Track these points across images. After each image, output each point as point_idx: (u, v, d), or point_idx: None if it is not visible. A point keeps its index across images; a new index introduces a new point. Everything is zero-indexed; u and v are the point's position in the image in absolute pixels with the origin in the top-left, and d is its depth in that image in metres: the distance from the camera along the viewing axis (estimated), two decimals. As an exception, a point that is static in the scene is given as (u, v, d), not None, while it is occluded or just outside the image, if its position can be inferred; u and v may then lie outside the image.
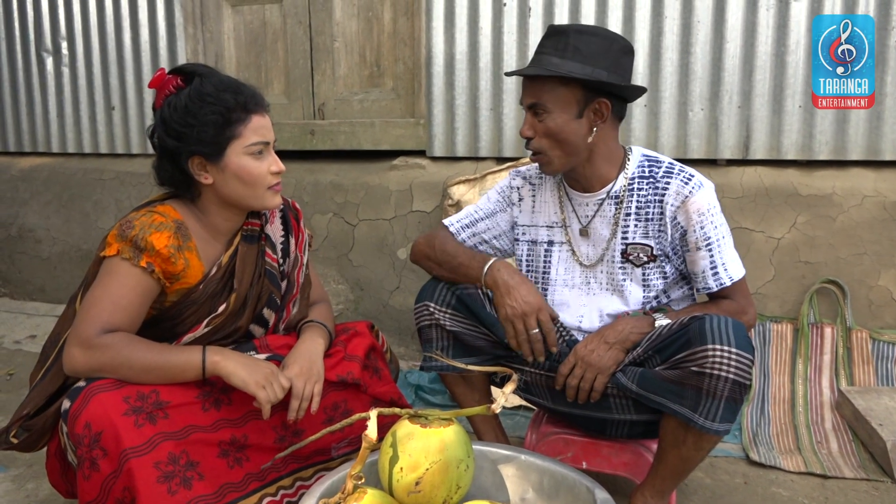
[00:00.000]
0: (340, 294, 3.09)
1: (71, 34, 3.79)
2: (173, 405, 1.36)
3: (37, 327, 3.41)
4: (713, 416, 1.36)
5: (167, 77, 1.48)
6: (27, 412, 1.43)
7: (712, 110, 2.64)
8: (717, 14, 2.59)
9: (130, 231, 1.40)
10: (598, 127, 1.55)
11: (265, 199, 1.52)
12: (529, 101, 1.55)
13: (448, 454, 1.23)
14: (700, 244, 1.55)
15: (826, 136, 2.53)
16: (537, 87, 1.53)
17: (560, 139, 1.53)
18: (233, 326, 1.55)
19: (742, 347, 1.34)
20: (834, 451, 2.07)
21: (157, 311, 1.50)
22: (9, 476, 1.96)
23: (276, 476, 1.51)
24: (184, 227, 1.47)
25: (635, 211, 1.60)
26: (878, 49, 2.44)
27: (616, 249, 1.62)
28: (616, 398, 1.57)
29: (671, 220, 1.56)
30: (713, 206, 1.55)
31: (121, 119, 3.74)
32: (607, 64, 1.50)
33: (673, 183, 1.56)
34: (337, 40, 3.32)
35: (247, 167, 1.46)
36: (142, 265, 1.39)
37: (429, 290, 1.70)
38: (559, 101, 1.51)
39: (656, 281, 1.60)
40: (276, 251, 1.64)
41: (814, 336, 2.41)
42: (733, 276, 1.57)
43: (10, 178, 3.97)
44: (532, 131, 1.55)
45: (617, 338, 1.53)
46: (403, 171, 3.06)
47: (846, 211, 2.47)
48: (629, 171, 1.62)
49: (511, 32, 2.86)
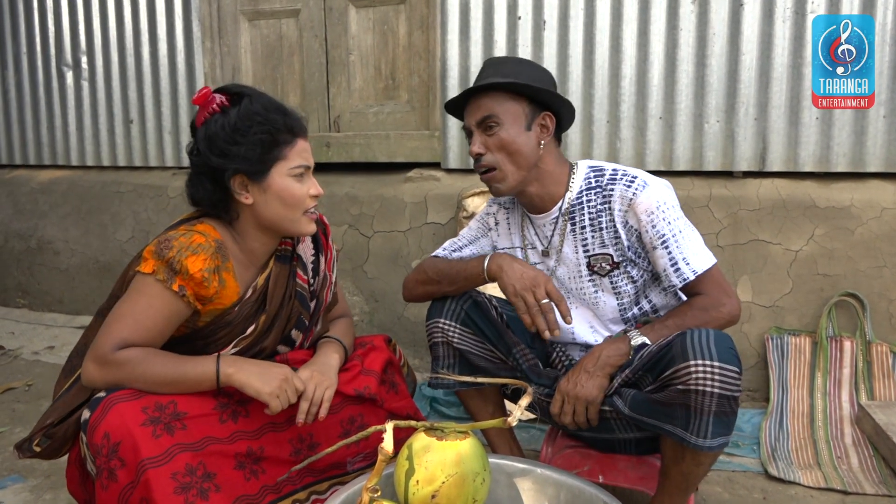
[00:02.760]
0: (355, 306, 3.10)
1: (91, 49, 3.85)
2: (191, 416, 1.37)
3: (55, 338, 3.44)
4: (704, 433, 1.34)
5: (212, 95, 1.47)
6: (51, 421, 1.44)
7: (728, 122, 2.63)
8: (733, 26, 2.59)
9: (168, 252, 1.39)
10: (544, 141, 1.59)
11: (301, 224, 1.51)
12: (479, 117, 1.58)
13: (465, 467, 1.23)
14: (655, 243, 1.54)
15: (844, 147, 2.51)
16: (486, 103, 1.57)
17: (512, 150, 1.57)
18: (258, 347, 1.55)
19: (725, 360, 1.32)
20: (854, 466, 2.05)
21: (190, 330, 1.50)
22: (27, 486, 1.97)
23: (292, 489, 1.51)
24: (223, 247, 1.46)
25: (589, 223, 1.61)
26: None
27: (581, 263, 1.63)
28: (616, 420, 1.56)
29: (623, 224, 1.56)
30: (662, 202, 1.53)
31: (139, 132, 3.79)
32: (548, 84, 1.59)
33: (617, 188, 1.57)
34: (352, 53, 3.35)
35: (289, 188, 1.46)
36: (174, 288, 1.39)
37: (439, 306, 1.70)
38: (509, 113, 1.56)
39: (626, 287, 1.60)
40: (307, 271, 1.64)
41: (833, 350, 2.39)
42: (696, 269, 1.53)
43: (29, 190, 4.02)
44: (483, 147, 1.58)
45: (595, 364, 1.50)
46: (418, 183, 3.07)
47: (865, 223, 2.45)
48: (576, 186, 1.63)
49: (526, 46, 2.87)
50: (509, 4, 2.88)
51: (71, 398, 1.47)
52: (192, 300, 1.42)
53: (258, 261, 1.56)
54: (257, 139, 1.43)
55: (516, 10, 2.87)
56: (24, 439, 1.47)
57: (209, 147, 1.44)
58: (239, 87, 1.50)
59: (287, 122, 1.47)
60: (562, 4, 2.80)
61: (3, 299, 4.07)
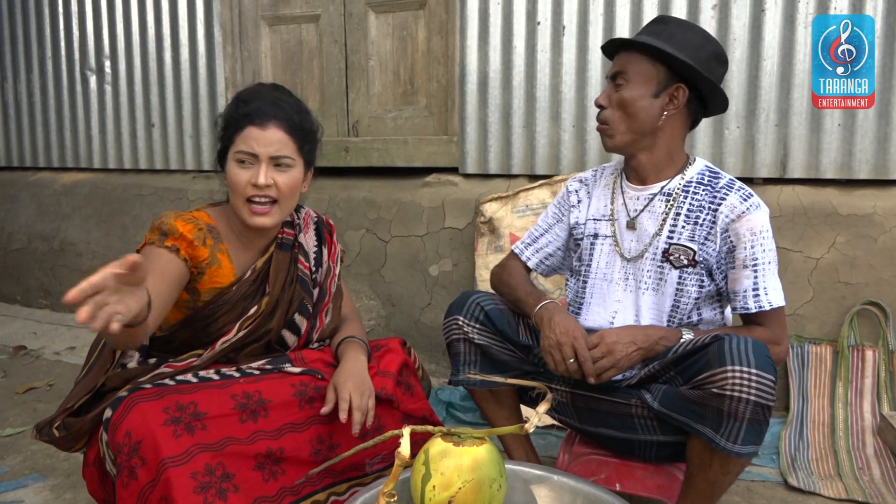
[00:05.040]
0: (372, 310, 3.11)
1: (114, 53, 3.90)
2: (211, 416, 1.38)
3: (76, 339, 3.48)
4: (735, 437, 1.33)
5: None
6: (71, 405, 1.46)
7: (749, 128, 2.62)
8: (754, 32, 2.57)
9: (157, 221, 1.48)
10: (668, 112, 1.58)
11: (243, 212, 1.51)
12: (614, 70, 1.60)
13: (481, 473, 1.22)
14: (747, 263, 1.53)
15: (866, 154, 2.49)
16: (625, 58, 1.59)
17: (630, 112, 1.57)
18: (264, 329, 1.58)
19: (762, 368, 1.31)
20: (876, 477, 2.02)
21: (191, 310, 1.54)
22: (47, 485, 2.00)
23: (311, 490, 1.51)
24: (215, 230, 1.54)
25: (686, 212, 1.59)
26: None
27: (659, 247, 1.61)
28: (641, 418, 1.56)
29: (722, 231, 1.55)
30: (766, 229, 1.54)
31: (160, 136, 3.83)
32: (696, 57, 1.54)
33: (731, 196, 1.56)
34: (371, 59, 3.37)
35: (231, 172, 1.52)
36: (167, 245, 1.45)
37: (458, 305, 1.72)
38: (641, 75, 1.56)
39: (691, 288, 1.58)
40: (309, 260, 1.69)
41: (854, 359, 2.36)
42: (773, 303, 1.53)
43: (52, 192, 4.08)
44: (606, 101, 1.61)
45: (646, 343, 1.50)
46: (436, 188, 3.08)
47: (888, 231, 2.42)
48: (688, 175, 1.63)
49: (545, 51, 2.87)
50: (528, 9, 2.88)
51: (88, 381, 1.49)
52: (188, 259, 1.46)
53: (254, 244, 1.60)
54: (221, 123, 1.54)
55: (535, 15, 2.87)
56: (45, 421, 1.48)
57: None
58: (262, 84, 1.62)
59: (242, 110, 1.51)
60: (581, 9, 2.80)
61: (26, 300, 4.13)
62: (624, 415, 1.57)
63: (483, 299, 1.71)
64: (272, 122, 1.49)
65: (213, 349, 1.52)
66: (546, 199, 2.76)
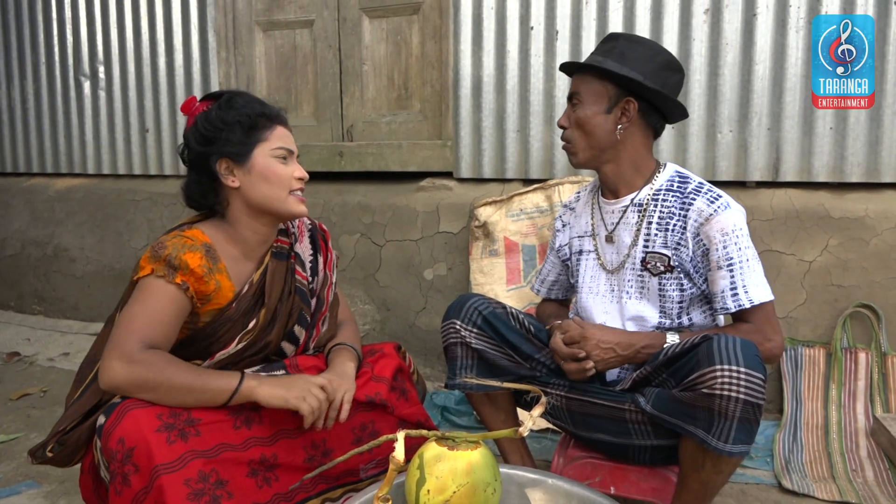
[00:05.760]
0: (367, 314, 3.10)
1: (108, 59, 3.90)
2: (205, 423, 1.38)
3: (70, 345, 3.47)
4: (726, 437, 1.34)
5: (198, 103, 1.57)
6: (63, 428, 1.45)
7: (741, 132, 2.63)
8: (746, 36, 2.59)
9: (163, 251, 1.44)
10: (622, 125, 1.63)
11: (289, 204, 1.55)
12: (570, 92, 1.69)
13: (475, 477, 1.22)
14: (721, 263, 1.55)
15: (858, 157, 2.50)
16: (579, 79, 1.67)
17: (587, 130, 1.64)
18: (263, 341, 1.57)
19: (751, 366, 1.32)
20: (870, 479, 2.02)
21: (192, 331, 1.53)
22: (41, 492, 1.99)
23: (305, 496, 1.51)
24: (212, 249, 1.50)
25: (657, 220, 1.63)
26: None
27: (636, 257, 1.65)
28: (635, 423, 1.57)
29: (693, 236, 1.57)
30: (738, 227, 1.55)
31: (154, 141, 3.83)
32: (645, 70, 1.59)
33: (699, 200, 1.58)
34: (366, 63, 3.38)
35: (272, 167, 1.53)
36: (176, 282, 1.42)
37: (456, 309, 1.72)
38: (592, 94, 1.64)
39: (672, 292, 1.61)
40: (306, 269, 1.68)
41: (847, 361, 2.37)
42: (754, 300, 1.54)
43: (46, 198, 4.07)
44: (567, 121, 1.69)
45: (627, 351, 1.56)
46: (430, 192, 3.08)
47: (880, 234, 2.43)
48: (657, 184, 1.66)
49: (538, 55, 2.88)
50: (522, 14, 2.89)
51: (83, 403, 1.48)
52: (194, 295, 1.45)
53: (252, 253, 1.59)
54: (237, 123, 1.51)
55: (529, 19, 2.88)
56: (37, 445, 1.48)
57: (195, 137, 1.53)
58: (221, 91, 1.60)
59: (264, 111, 1.55)
60: (574, 14, 2.81)
61: (20, 306, 4.12)
62: (618, 419, 1.58)
63: (480, 303, 1.71)
64: (286, 123, 1.61)
65: (212, 360, 1.51)
66: (540, 203, 2.77)
